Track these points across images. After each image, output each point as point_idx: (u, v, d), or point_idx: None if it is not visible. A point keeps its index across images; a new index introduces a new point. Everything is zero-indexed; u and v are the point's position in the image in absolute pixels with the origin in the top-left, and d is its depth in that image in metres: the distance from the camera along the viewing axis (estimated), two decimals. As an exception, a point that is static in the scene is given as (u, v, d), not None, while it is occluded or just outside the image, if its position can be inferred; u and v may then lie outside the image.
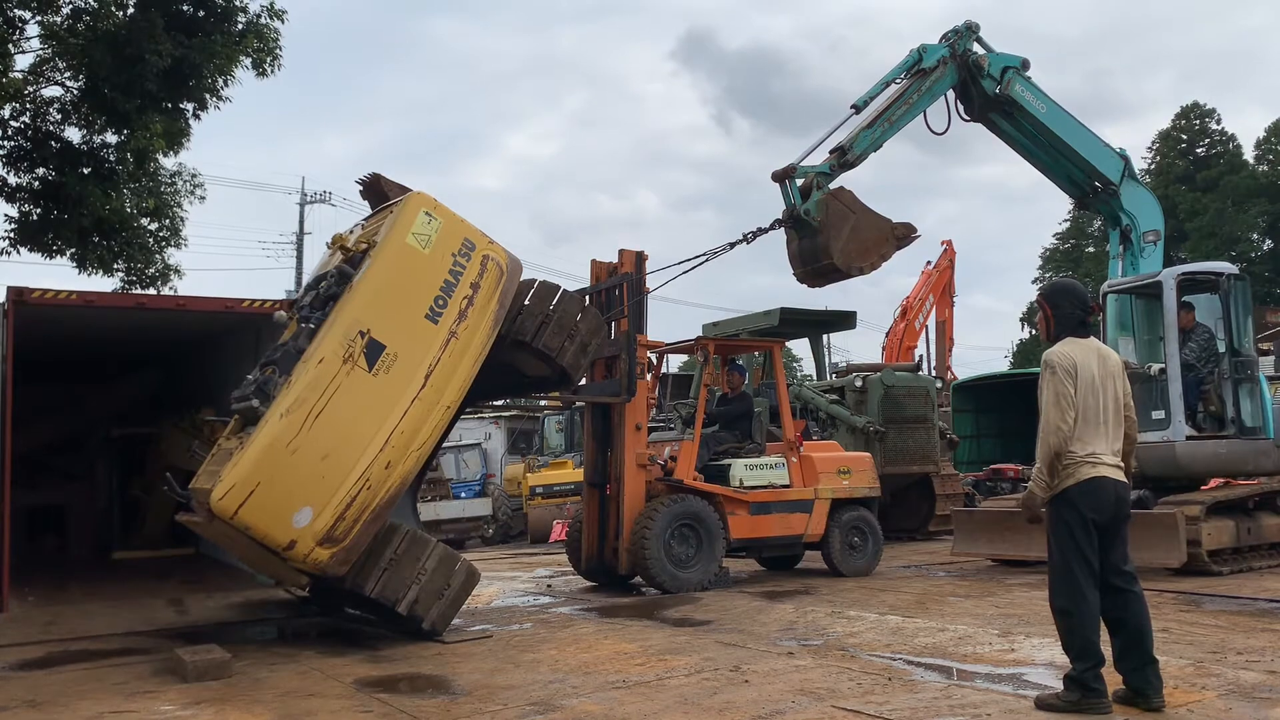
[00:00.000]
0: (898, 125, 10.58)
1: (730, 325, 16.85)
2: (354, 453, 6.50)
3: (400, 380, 6.73)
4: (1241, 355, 9.96)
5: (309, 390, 6.41)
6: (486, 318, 7.21)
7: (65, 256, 15.36)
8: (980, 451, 17.88)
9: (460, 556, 7.35)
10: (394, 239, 6.99)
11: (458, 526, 20.25)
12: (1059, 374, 4.74)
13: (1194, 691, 4.91)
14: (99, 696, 5.69)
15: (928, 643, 6.56)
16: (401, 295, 6.91)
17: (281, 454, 6.30)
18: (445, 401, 6.96)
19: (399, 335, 6.78)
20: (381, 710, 5.23)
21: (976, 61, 10.93)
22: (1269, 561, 9.68)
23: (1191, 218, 50.83)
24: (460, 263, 7.14)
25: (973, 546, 10.85)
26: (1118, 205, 11.59)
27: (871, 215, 10.26)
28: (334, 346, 6.55)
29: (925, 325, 26.94)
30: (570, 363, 7.94)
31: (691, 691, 5.35)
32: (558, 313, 7.88)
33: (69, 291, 8.27)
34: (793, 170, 10.03)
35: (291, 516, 6.30)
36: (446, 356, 6.94)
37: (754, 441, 10.79)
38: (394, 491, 6.66)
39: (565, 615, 8.51)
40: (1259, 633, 6.49)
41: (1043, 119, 11.17)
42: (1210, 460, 9.85)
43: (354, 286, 6.86)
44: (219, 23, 14.16)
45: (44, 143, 14.69)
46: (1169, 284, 9.93)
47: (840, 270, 10.09)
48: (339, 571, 6.59)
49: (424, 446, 6.86)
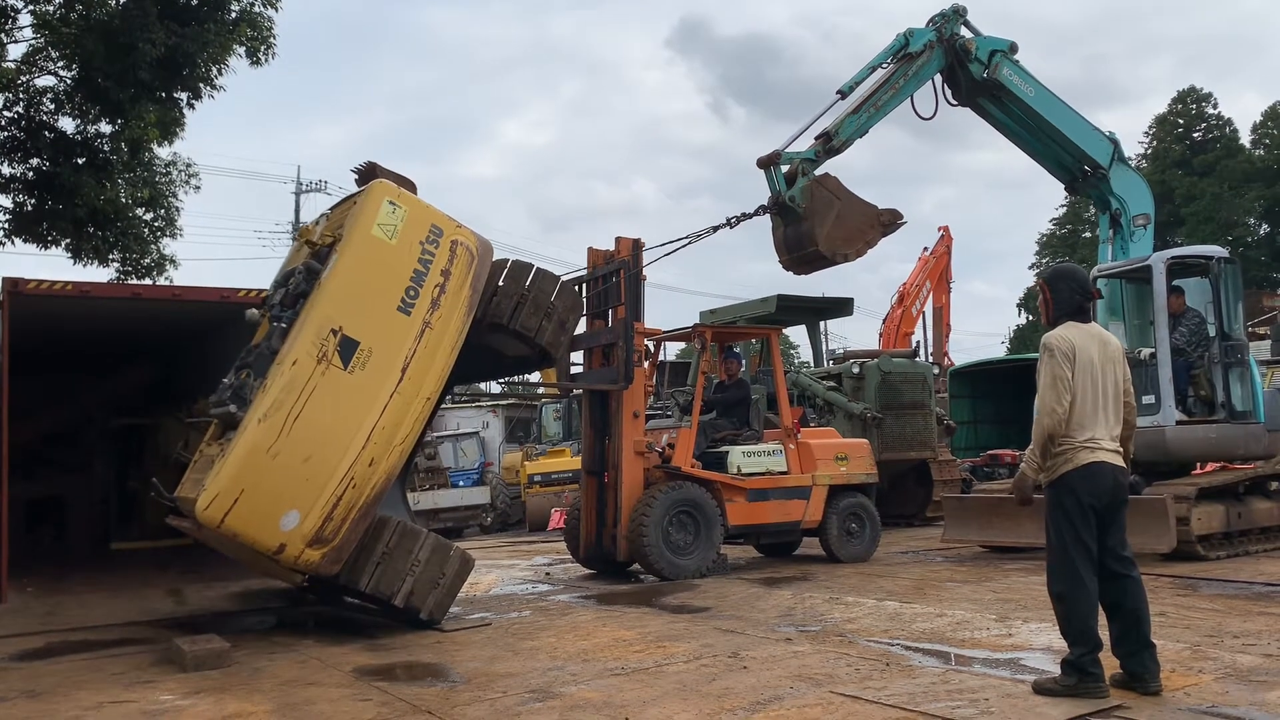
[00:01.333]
0: (884, 110, 10.47)
1: (727, 312, 16.86)
2: (336, 452, 6.43)
3: (377, 376, 6.63)
4: (1232, 339, 9.92)
5: (285, 393, 6.33)
6: (460, 304, 7.09)
7: (60, 247, 15.35)
8: (977, 437, 17.92)
9: (453, 545, 7.33)
10: (359, 231, 6.83)
11: (456, 515, 20.29)
12: (1057, 357, 4.73)
13: (1191, 675, 4.93)
14: (98, 686, 5.70)
15: (925, 628, 6.57)
16: (371, 289, 6.78)
17: (263, 459, 6.24)
18: (425, 393, 6.87)
19: (372, 330, 6.67)
20: (381, 699, 5.24)
21: (964, 46, 10.81)
22: (1261, 545, 9.64)
23: (1188, 202, 50.81)
24: (429, 250, 7.00)
25: (964, 533, 10.82)
26: (1107, 189, 11.50)
27: (857, 201, 10.16)
28: (307, 346, 6.44)
29: (922, 311, 26.97)
30: (550, 341, 7.86)
31: (690, 678, 5.36)
32: (533, 292, 7.77)
33: (65, 282, 8.25)
34: (777, 157, 9.92)
35: (279, 520, 6.27)
36: (422, 348, 6.84)
37: (751, 428, 10.79)
38: (380, 487, 6.61)
39: (564, 603, 8.52)
40: (1255, 616, 6.50)
41: (1031, 103, 11.06)
42: (1200, 445, 9.82)
43: (322, 283, 6.72)
44: (212, 11, 14.10)
45: (38, 133, 14.65)
46: (1158, 268, 9.89)
47: (825, 257, 9.98)
48: (332, 570, 6.57)
49: (406, 440, 6.79)
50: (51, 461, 12.76)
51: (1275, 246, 50.25)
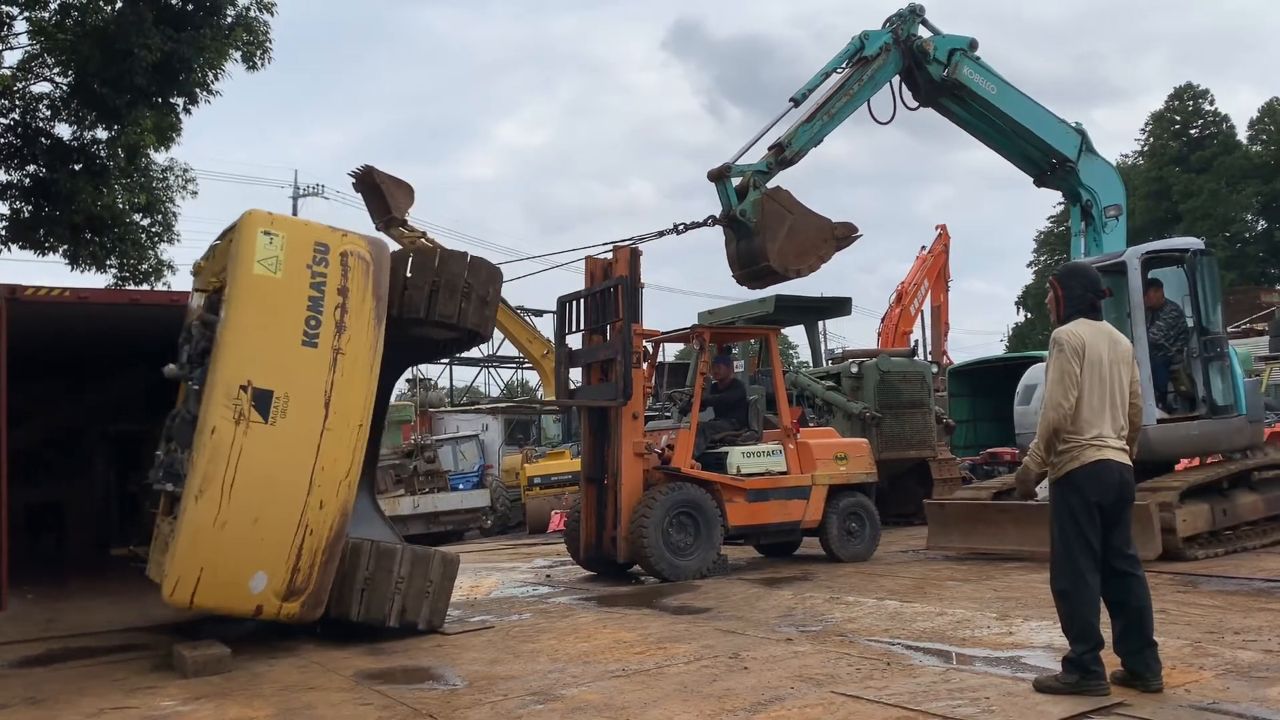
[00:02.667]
0: (839, 117, 10.26)
1: (726, 313, 16.86)
2: (283, 506, 6.32)
3: (301, 419, 6.39)
4: (1210, 333, 9.75)
5: (213, 464, 6.16)
6: (367, 318, 6.74)
7: (58, 253, 15.34)
8: (977, 436, 17.89)
9: (432, 551, 7.25)
10: (240, 274, 6.47)
11: (456, 518, 20.26)
12: (1066, 352, 4.73)
13: (1192, 671, 4.93)
14: (99, 693, 5.69)
15: (926, 627, 6.57)
16: (269, 332, 6.45)
17: (211, 534, 6.13)
18: (355, 421, 6.61)
19: (283, 375, 6.39)
20: (382, 703, 5.24)
21: (921, 47, 10.58)
22: (1251, 542, 9.49)
23: (1185, 199, 50.87)
24: (319, 271, 6.62)
25: (945, 540, 10.57)
26: (1076, 181, 11.30)
27: (810, 215, 10.01)
28: (220, 410, 6.23)
29: (921, 310, 27.02)
30: (474, 322, 7.56)
31: (691, 679, 5.36)
32: (444, 276, 7.44)
33: (62, 288, 8.23)
34: (728, 170, 9.74)
35: (247, 585, 6.23)
36: (339, 377, 6.55)
37: (751, 429, 10.79)
38: (337, 526, 6.51)
39: (564, 605, 8.52)
40: (1256, 612, 6.50)
41: (993, 100, 10.85)
42: (1183, 442, 9.68)
43: (219, 339, 6.40)
44: (208, 16, 14.10)
45: (34, 139, 14.64)
46: (1133, 263, 9.71)
47: (777, 273, 9.85)
48: (316, 615, 6.55)
49: (351, 473, 6.61)
50: (51, 467, 12.74)
51: (1273, 242, 50.31)
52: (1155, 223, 49.55)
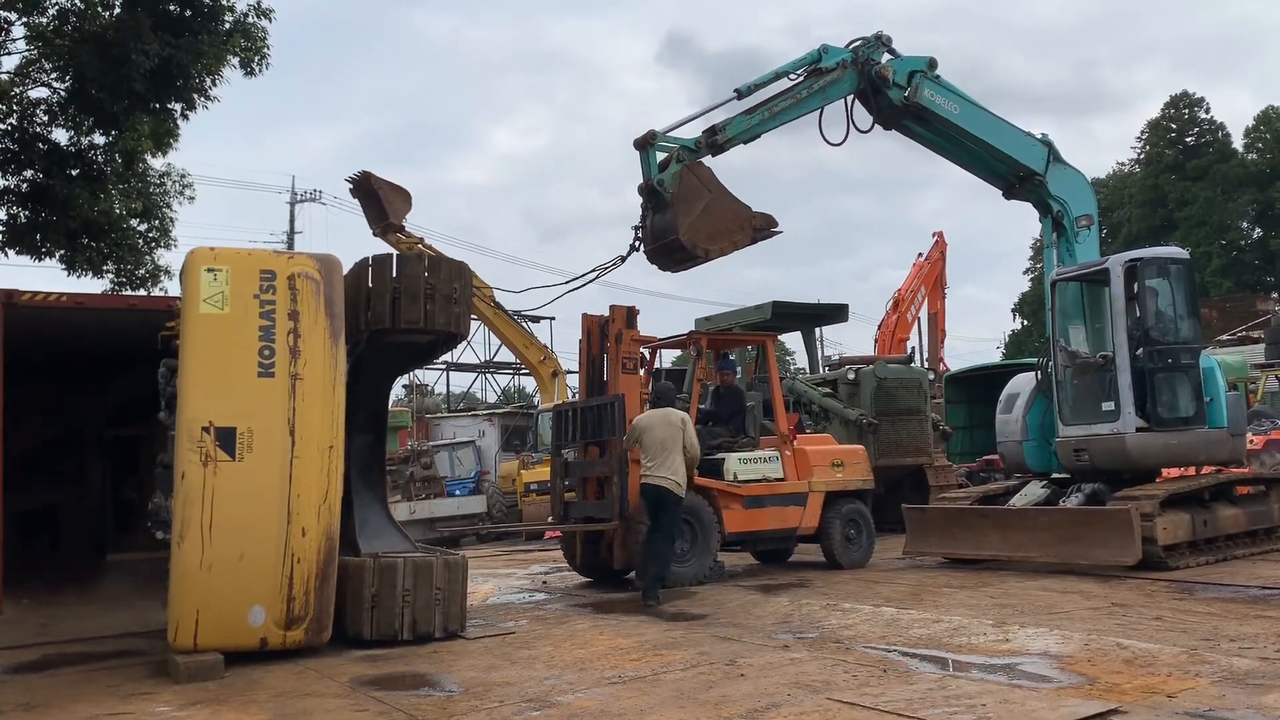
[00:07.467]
0: (779, 118, 10.07)
1: (723, 319, 16.87)
2: (265, 539, 6.36)
3: (268, 452, 6.41)
4: (1162, 343, 9.65)
5: (189, 509, 6.25)
6: (322, 339, 6.68)
7: (54, 259, 15.30)
8: (973, 442, 17.88)
9: (433, 559, 7.21)
10: (189, 316, 6.54)
11: (452, 524, 20.21)
12: None
13: (1188, 679, 4.93)
14: (94, 699, 5.68)
15: (923, 634, 6.57)
16: (222, 370, 6.48)
17: (200, 577, 6.23)
18: (324, 443, 6.59)
19: (242, 410, 6.42)
20: (378, 709, 5.23)
21: (879, 73, 10.45)
22: (1231, 553, 9.49)
23: (1181, 207, 50.98)
24: (267, 300, 6.59)
25: (924, 545, 10.61)
26: (1045, 193, 11.22)
27: (730, 199, 9.69)
28: (187, 455, 6.29)
29: (917, 317, 26.97)
30: (443, 322, 7.43)
31: (687, 686, 5.36)
32: (404, 281, 7.30)
33: (59, 294, 8.24)
34: (653, 138, 9.43)
35: (246, 620, 6.32)
36: (300, 403, 6.52)
37: (747, 435, 10.79)
38: (325, 550, 6.53)
39: (561, 611, 8.51)
40: (1251, 619, 6.51)
41: (955, 119, 10.76)
42: (1162, 452, 9.66)
43: (179, 383, 6.53)
44: (206, 22, 14.08)
45: (31, 144, 14.62)
46: (1116, 271, 9.75)
47: (686, 249, 9.42)
48: (324, 639, 6.61)
49: (329, 496, 6.61)
50: (47, 472, 12.72)
51: (1268, 250, 50.38)
52: (1151, 230, 49.66)
